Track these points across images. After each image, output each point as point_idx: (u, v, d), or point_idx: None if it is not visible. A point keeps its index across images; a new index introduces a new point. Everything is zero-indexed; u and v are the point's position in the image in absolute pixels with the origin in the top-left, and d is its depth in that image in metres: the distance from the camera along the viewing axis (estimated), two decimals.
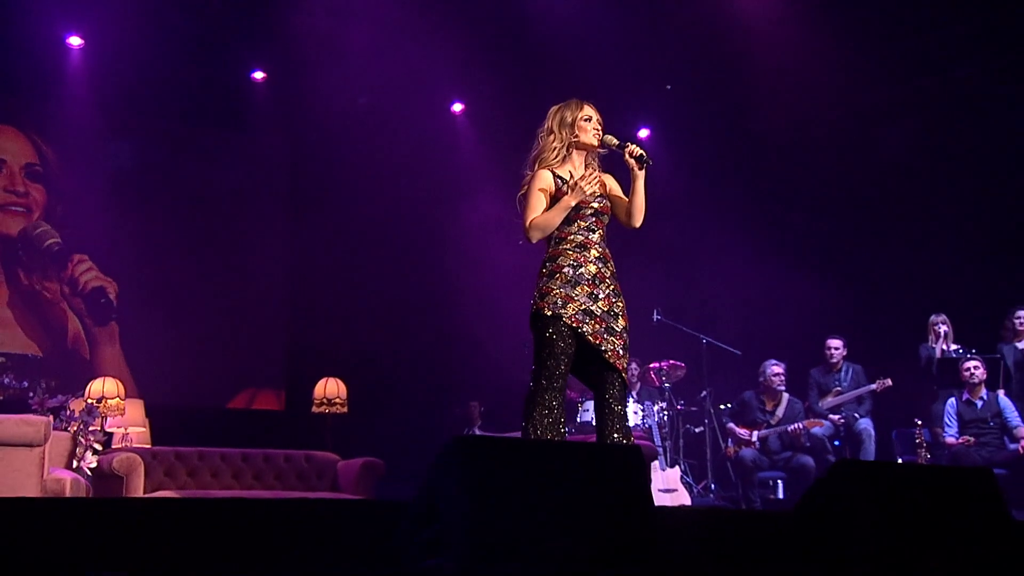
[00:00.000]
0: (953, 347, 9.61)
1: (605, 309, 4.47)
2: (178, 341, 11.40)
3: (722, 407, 9.97)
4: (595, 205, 4.63)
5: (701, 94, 11.84)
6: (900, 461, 9.56)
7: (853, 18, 10.35)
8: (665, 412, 9.78)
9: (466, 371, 11.75)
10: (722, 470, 9.87)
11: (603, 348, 4.41)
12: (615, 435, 4.32)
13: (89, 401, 7.12)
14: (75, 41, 10.62)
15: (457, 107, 12.56)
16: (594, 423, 4.64)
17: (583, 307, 4.42)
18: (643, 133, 12.78)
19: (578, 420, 9.76)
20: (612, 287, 4.56)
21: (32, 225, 11.33)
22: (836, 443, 9.63)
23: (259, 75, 11.65)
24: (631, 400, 9.66)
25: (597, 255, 4.57)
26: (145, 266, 11.68)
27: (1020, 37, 10.24)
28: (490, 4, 10.71)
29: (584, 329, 4.40)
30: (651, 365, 10.29)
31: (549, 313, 4.42)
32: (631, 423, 9.07)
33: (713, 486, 9.96)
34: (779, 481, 9.30)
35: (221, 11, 10.44)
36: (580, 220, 4.58)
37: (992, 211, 10.60)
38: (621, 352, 4.45)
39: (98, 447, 6.43)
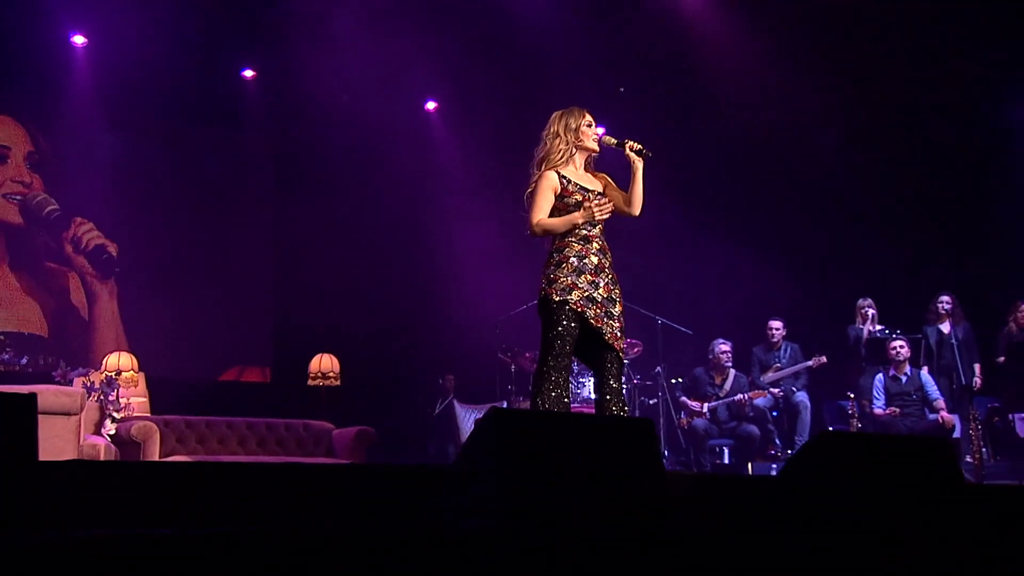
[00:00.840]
0: (878, 328, 9.72)
1: (605, 296, 4.57)
2: (172, 321, 11.34)
3: (673, 381, 10.07)
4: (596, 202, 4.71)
5: (652, 96, 11.86)
6: (831, 429, 9.78)
7: (792, 32, 10.49)
8: (623, 386, 9.88)
9: (440, 348, 11.76)
10: (674, 438, 9.99)
11: (603, 331, 4.51)
12: (613, 408, 4.46)
13: (108, 374, 7.11)
14: (79, 40, 10.53)
15: (431, 105, 12.57)
16: (593, 397, 4.74)
17: (586, 294, 4.52)
18: (599, 131, 12.85)
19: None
20: (611, 276, 4.66)
21: (31, 196, 11.18)
22: (774, 413, 9.74)
23: (249, 73, 11.63)
24: (592, 376, 9.73)
25: (599, 247, 4.67)
26: (139, 251, 11.59)
27: (936, 53, 10.41)
28: (462, 15, 10.73)
29: (588, 313, 4.50)
30: None
31: (557, 299, 4.51)
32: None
33: (666, 452, 10.12)
34: (725, 448, 9.45)
35: (215, 15, 10.37)
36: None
37: (915, 206, 10.75)
38: (619, 334, 4.57)
39: (117, 416, 6.45)
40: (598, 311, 4.52)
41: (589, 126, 4.82)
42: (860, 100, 11.11)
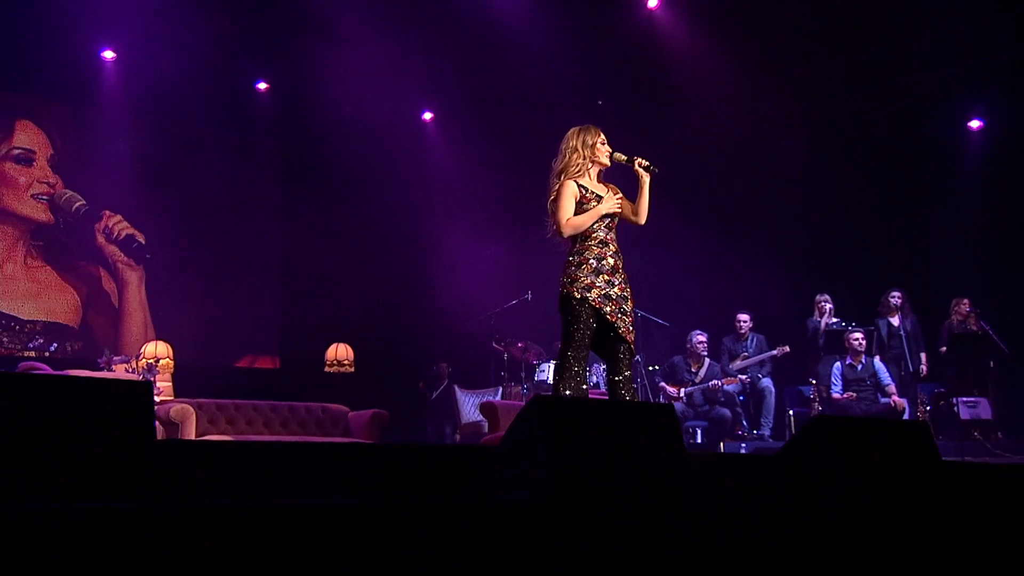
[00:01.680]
0: (834, 320, 9.84)
1: (619, 294, 4.70)
2: (189, 313, 11.35)
3: (651, 369, 10.17)
4: (613, 209, 4.83)
5: (628, 108, 11.93)
6: (791, 412, 9.93)
7: (756, 51, 10.54)
8: (607, 373, 9.96)
9: (436, 338, 11.79)
10: None
11: (617, 325, 4.64)
12: (624, 392, 4.60)
13: (148, 361, 7.15)
14: (109, 55, 10.50)
15: (427, 115, 12.61)
16: (604, 386, 4.86)
17: (603, 292, 4.64)
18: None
19: (535, 379, 9.93)
20: (624, 276, 4.79)
21: (58, 194, 11.13)
22: (741, 398, 9.84)
23: (262, 85, 11.63)
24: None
25: (614, 250, 4.80)
26: (158, 247, 11.60)
27: (885, 71, 10.53)
28: (455, 35, 10.78)
29: (605, 309, 4.62)
30: None
31: (578, 296, 4.63)
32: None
33: None
34: (699, 429, 9.57)
35: (232, 34, 10.37)
36: (600, 222, 4.79)
37: (867, 209, 10.83)
38: (630, 328, 4.70)
39: (156, 399, 6.50)
40: (613, 307, 4.65)
41: (604, 143, 4.91)
42: (817, 113, 11.21)
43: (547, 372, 9.66)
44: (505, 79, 11.42)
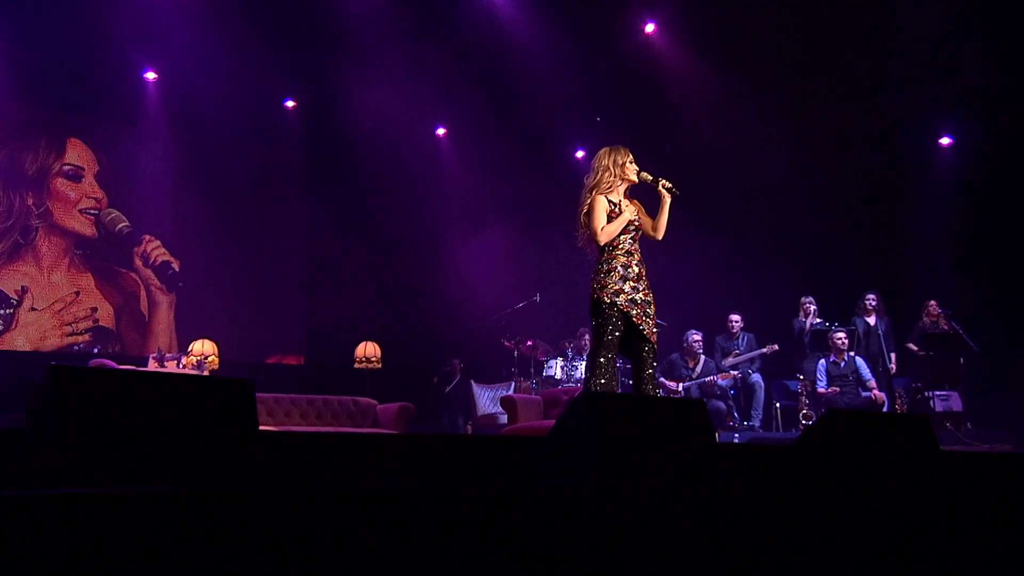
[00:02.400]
0: (817, 320, 9.92)
1: (644, 298, 4.81)
2: (219, 317, 11.40)
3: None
4: (636, 223, 4.94)
5: (623, 125, 11.98)
6: (778, 405, 10.02)
7: (742, 72, 10.65)
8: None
9: (450, 337, 11.83)
10: None
11: (642, 327, 4.75)
12: (648, 387, 4.71)
13: (198, 358, 7.20)
14: (151, 76, 10.56)
15: (441, 130, 12.69)
16: (631, 381, 4.96)
17: (630, 297, 4.75)
18: (580, 154, 13.03)
19: (543, 375, 10.01)
20: (647, 283, 4.89)
21: (104, 213, 11.17)
22: (732, 392, 9.92)
23: (290, 103, 11.69)
24: (584, 360, 9.87)
25: (638, 259, 4.90)
26: (191, 258, 11.67)
27: (862, 91, 10.65)
28: (467, 58, 10.88)
29: (632, 312, 4.73)
30: None
31: (608, 300, 4.73)
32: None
33: None
34: None
35: (263, 56, 10.44)
36: (625, 234, 4.90)
37: (846, 220, 10.90)
38: (654, 329, 4.80)
39: None
40: (639, 311, 4.75)
41: (632, 163, 5.01)
42: (800, 129, 11.30)
43: (554, 368, 9.74)
44: (513, 98, 11.52)
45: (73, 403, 2.26)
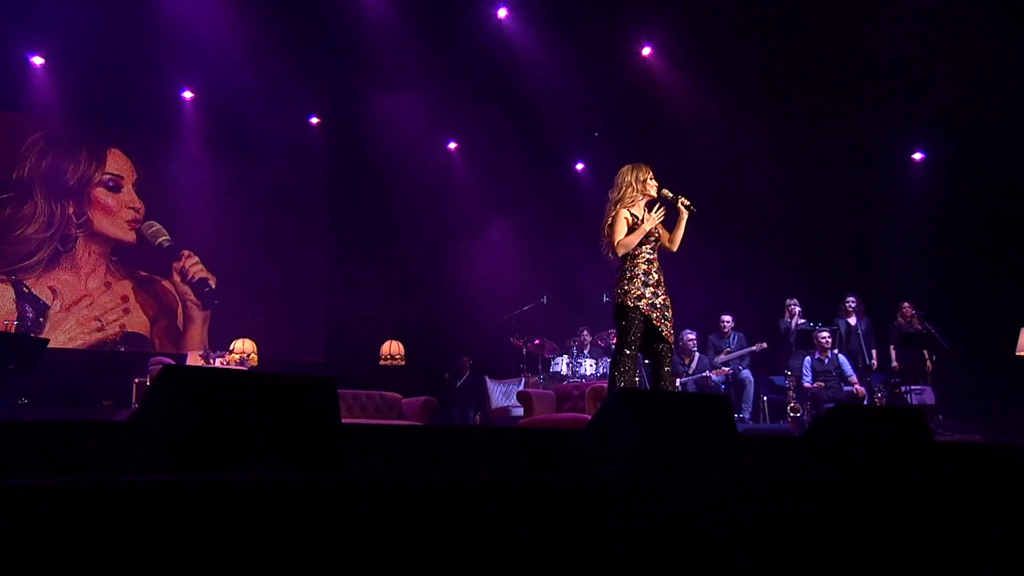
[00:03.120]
0: (802, 321, 10.00)
1: (663, 303, 4.90)
2: (249, 321, 11.34)
3: (647, 362, 10.21)
4: (655, 234, 5.04)
5: (619, 139, 12.08)
6: (766, 399, 10.09)
7: (730, 92, 10.74)
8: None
9: (461, 336, 11.87)
10: None
11: (661, 329, 4.85)
12: (666, 384, 4.81)
13: (240, 356, 7.25)
14: (188, 95, 10.61)
15: (452, 144, 12.76)
16: (588, 373, 5.06)
17: (650, 301, 4.85)
18: (579, 166, 13.12)
19: (550, 371, 10.07)
20: (665, 288, 4.98)
21: (146, 225, 11.18)
22: (723, 387, 9.93)
23: (315, 120, 11.74)
24: (587, 357, 10.04)
25: (657, 267, 4.99)
26: (222, 267, 11.68)
27: (841, 109, 10.71)
28: (477, 78, 10.96)
29: (652, 316, 4.82)
30: (599, 333, 10.56)
31: (631, 304, 4.82)
32: (593, 372, 9.46)
33: None
34: None
35: (291, 76, 10.51)
36: (646, 243, 4.99)
37: (829, 227, 10.99)
38: (671, 331, 4.90)
39: None
40: (658, 314, 4.85)
41: (653, 179, 5.10)
42: (784, 145, 11.38)
43: (560, 364, 9.80)
44: (519, 115, 11.59)
45: (183, 399, 2.35)
